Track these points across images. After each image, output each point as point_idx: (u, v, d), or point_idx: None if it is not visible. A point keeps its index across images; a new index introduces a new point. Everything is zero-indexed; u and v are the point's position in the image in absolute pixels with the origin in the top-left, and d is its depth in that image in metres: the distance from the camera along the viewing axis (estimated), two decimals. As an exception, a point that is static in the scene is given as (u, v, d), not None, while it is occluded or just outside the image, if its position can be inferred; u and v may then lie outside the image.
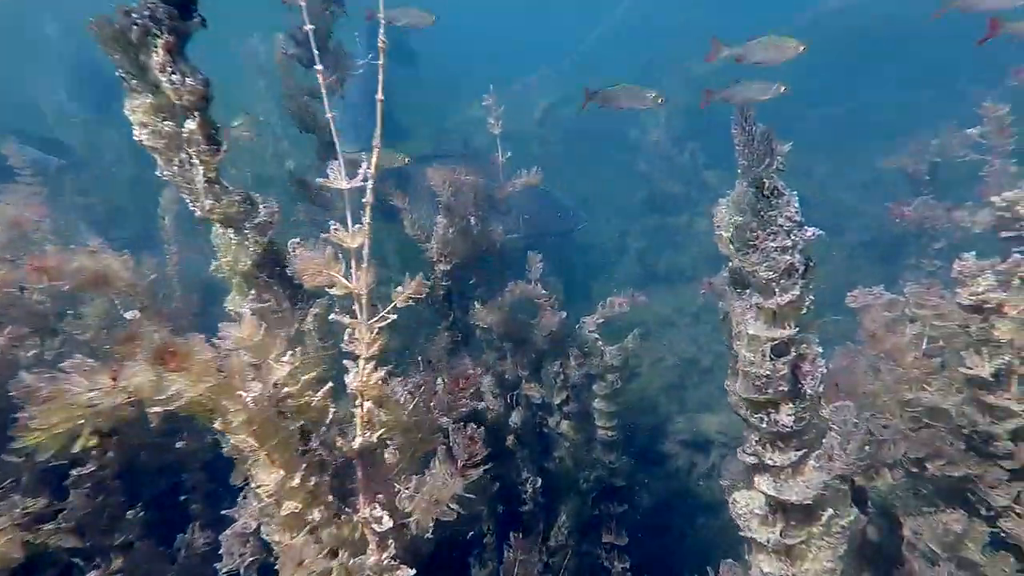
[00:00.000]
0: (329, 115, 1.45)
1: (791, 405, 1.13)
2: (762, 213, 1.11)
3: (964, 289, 1.24)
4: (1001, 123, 2.12)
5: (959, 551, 1.23)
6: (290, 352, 1.03)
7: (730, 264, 1.23)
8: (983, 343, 1.25)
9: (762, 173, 1.28)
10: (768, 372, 1.11)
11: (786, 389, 1.12)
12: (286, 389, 1.01)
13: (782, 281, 1.09)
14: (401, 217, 3.04)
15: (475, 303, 3.12)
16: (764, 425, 1.15)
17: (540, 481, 2.39)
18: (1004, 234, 1.99)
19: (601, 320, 2.59)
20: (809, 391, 1.11)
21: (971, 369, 1.26)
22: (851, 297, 1.48)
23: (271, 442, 0.96)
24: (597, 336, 2.36)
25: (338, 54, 1.98)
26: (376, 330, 1.02)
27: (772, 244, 1.09)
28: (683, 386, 4.91)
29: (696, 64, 8.64)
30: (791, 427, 1.11)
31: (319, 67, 1.32)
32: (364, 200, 0.98)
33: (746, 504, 1.18)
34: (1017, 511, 1.22)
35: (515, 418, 2.66)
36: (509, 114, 9.50)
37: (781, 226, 1.09)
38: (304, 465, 1.01)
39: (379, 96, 1.19)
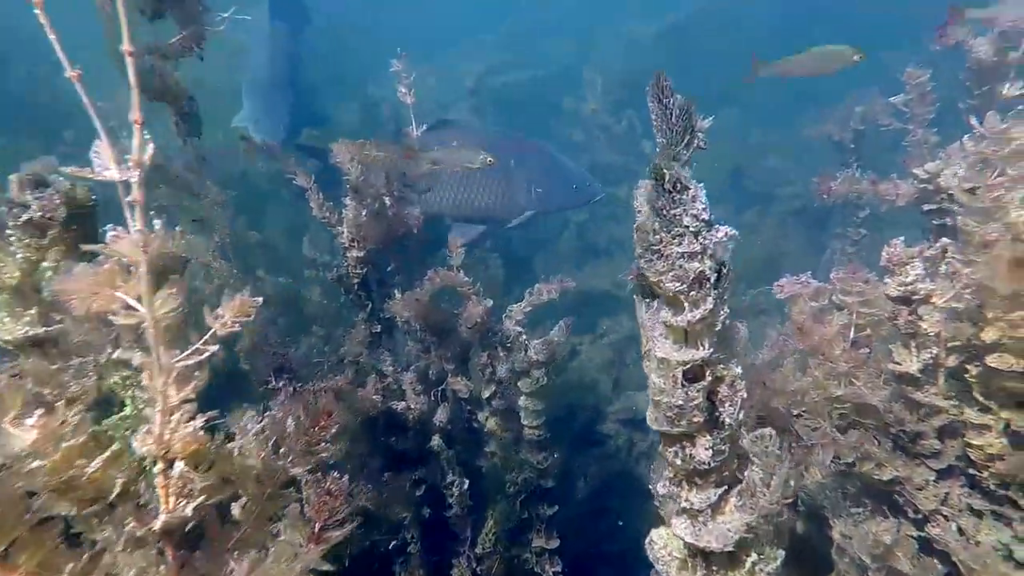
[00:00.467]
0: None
1: (708, 437, 0.98)
2: (663, 212, 0.94)
3: (893, 279, 1.14)
4: (922, 90, 2.04)
5: (888, 561, 1.16)
6: (41, 411, 0.77)
7: (635, 266, 1.06)
8: (911, 336, 1.16)
9: (681, 152, 1.11)
10: (681, 401, 0.96)
11: (702, 420, 0.98)
12: (35, 463, 0.75)
13: (692, 293, 0.92)
14: (307, 199, 2.75)
15: (396, 291, 2.89)
16: (679, 461, 1.01)
17: (467, 483, 2.23)
18: (926, 207, 1.93)
19: (529, 308, 2.42)
20: (728, 420, 0.96)
21: (899, 365, 1.17)
22: (778, 287, 1.36)
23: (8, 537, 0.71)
24: (520, 329, 2.19)
25: (191, 2, 1.65)
26: (177, 372, 0.78)
27: (678, 249, 0.92)
28: (623, 363, 4.88)
29: (638, 28, 8.45)
30: (709, 463, 0.97)
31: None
32: (130, 199, 0.73)
33: (664, 546, 1.04)
34: (944, 514, 1.16)
35: (441, 415, 2.48)
36: (443, 83, 9.06)
37: (687, 227, 0.91)
38: (72, 566, 0.77)
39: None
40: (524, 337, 2.17)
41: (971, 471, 1.14)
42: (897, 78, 3.62)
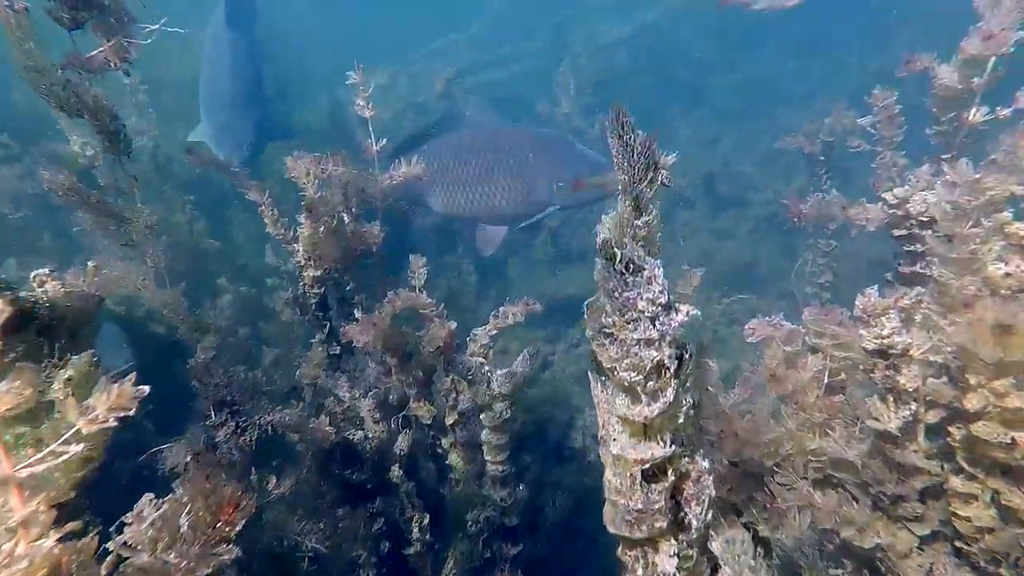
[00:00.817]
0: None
1: (672, 543, 0.89)
2: (615, 294, 0.83)
3: (868, 331, 1.07)
4: (889, 112, 1.99)
5: (868, 634, 1.10)
6: None
7: (589, 333, 0.95)
8: (889, 391, 1.09)
9: (643, 190, 1.01)
10: (641, 505, 0.86)
11: (664, 525, 0.88)
12: None
13: (650, 384, 0.82)
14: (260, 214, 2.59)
15: (356, 311, 2.75)
16: (640, 571, 0.91)
17: (428, 518, 2.12)
18: (896, 232, 1.88)
19: (494, 332, 2.31)
20: (695, 522, 0.87)
21: (877, 421, 1.10)
22: (749, 330, 1.28)
23: None
24: (483, 360, 2.08)
25: (114, 12, 1.47)
26: (23, 481, 0.63)
27: (633, 335, 0.82)
28: (597, 371, 4.81)
29: (606, 31, 8.38)
30: (674, 573, 0.87)
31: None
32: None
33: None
34: (929, 583, 1.09)
35: (402, 443, 2.36)
36: (414, 84, 8.82)
37: (643, 312, 0.81)
38: None
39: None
40: (487, 368, 2.06)
41: (958, 543, 1.08)
42: (862, 81, 3.62)
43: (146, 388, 0.76)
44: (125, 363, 2.25)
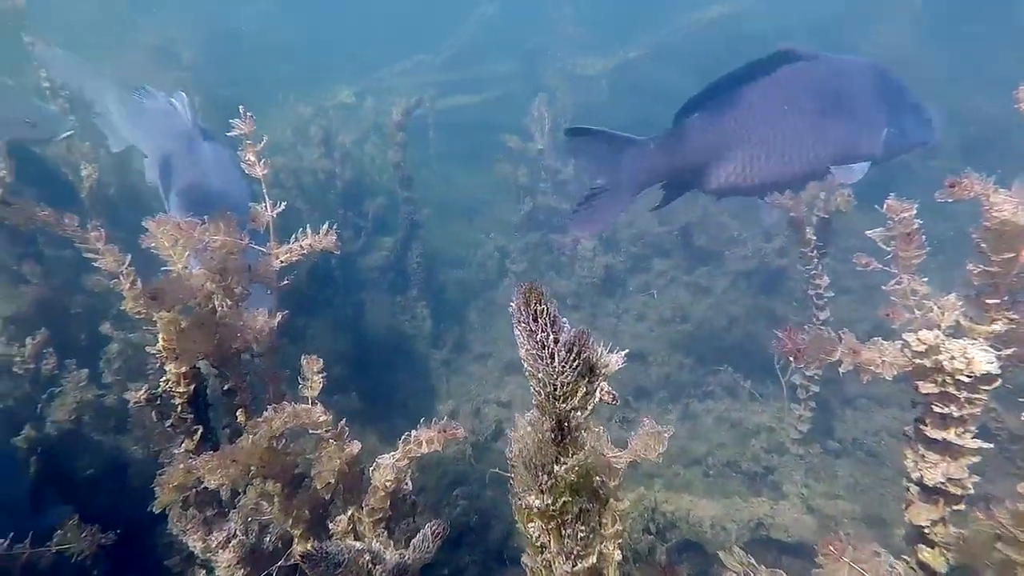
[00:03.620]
0: None
1: None
2: None
3: None
4: (908, 228, 1.53)
5: None
6: None
7: None
8: None
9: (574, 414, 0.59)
10: None
11: None
12: None
13: None
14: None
15: (238, 415, 2.18)
16: None
17: None
18: (923, 388, 1.44)
19: (404, 463, 1.78)
20: None
21: None
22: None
23: None
24: (380, 541, 1.53)
25: None
26: None
27: None
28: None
29: (586, 63, 8.03)
30: None
31: None
32: None
33: None
34: None
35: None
36: (381, 104, 8.24)
37: None
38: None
39: None
40: (381, 539, 1.51)
41: None
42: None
43: None
44: None
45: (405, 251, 5.86)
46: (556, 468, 0.78)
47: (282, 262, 2.00)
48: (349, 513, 1.88)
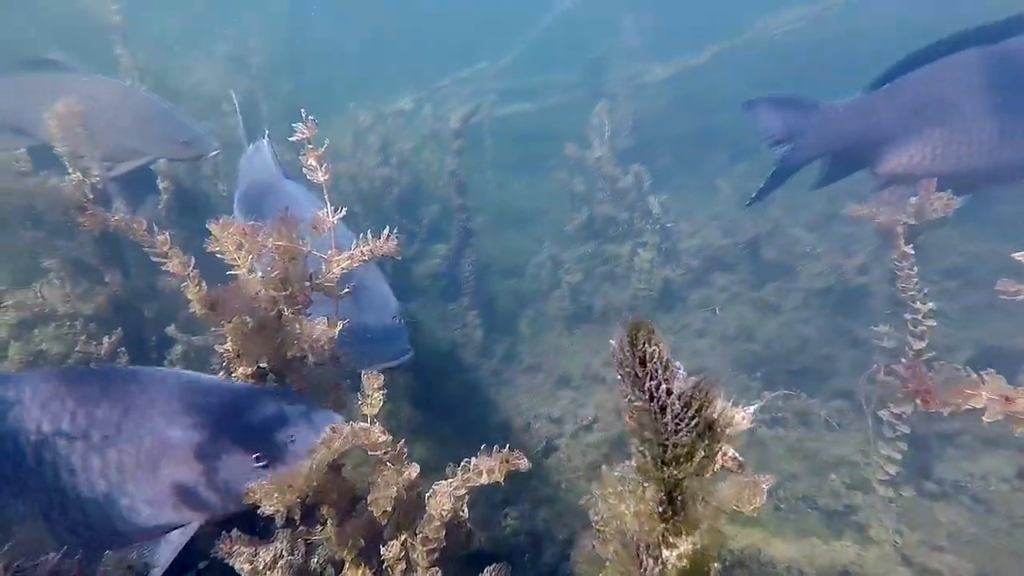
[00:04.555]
0: None
1: None
2: None
3: None
4: None
5: None
6: None
7: None
8: None
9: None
10: None
11: None
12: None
13: None
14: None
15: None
16: None
17: None
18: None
19: (463, 492, 1.65)
20: None
21: None
22: None
23: None
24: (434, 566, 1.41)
25: None
26: None
27: None
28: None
29: (651, 70, 7.79)
30: None
31: None
32: None
33: None
34: None
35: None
36: (434, 115, 8.26)
37: None
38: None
39: None
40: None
41: None
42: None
43: None
44: None
45: (458, 259, 5.79)
46: (665, 552, 0.62)
47: (343, 268, 1.92)
48: (402, 539, 1.76)
